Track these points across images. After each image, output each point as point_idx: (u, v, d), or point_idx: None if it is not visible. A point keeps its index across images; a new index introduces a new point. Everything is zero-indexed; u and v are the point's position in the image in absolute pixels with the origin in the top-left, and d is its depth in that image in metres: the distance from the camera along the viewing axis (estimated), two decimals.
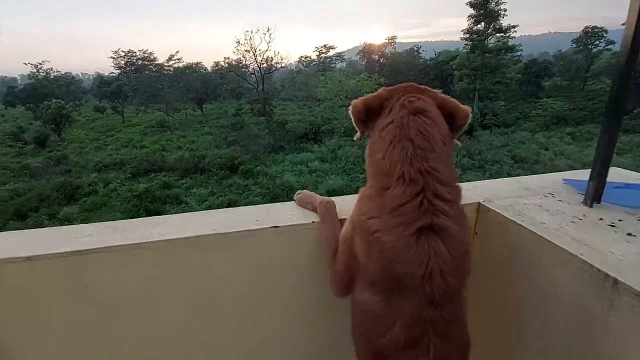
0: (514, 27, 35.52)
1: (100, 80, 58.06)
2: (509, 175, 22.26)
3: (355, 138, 1.12)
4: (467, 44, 36.02)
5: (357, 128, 1.08)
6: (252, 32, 42.47)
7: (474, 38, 34.98)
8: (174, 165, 25.51)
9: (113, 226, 1.21)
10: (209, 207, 18.38)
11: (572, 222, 1.19)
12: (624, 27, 1.12)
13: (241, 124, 33.12)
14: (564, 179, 1.52)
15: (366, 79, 31.38)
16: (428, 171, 0.87)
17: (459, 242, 0.88)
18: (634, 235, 1.10)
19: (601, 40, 53.81)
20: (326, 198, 1.31)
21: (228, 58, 51.14)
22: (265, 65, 44.93)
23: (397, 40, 53.41)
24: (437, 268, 0.84)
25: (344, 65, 64.31)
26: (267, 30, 41.98)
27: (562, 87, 52.85)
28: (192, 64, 53.06)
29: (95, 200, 19.97)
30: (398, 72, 46.16)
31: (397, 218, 0.86)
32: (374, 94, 1.05)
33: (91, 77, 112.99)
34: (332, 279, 1.10)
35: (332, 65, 66.47)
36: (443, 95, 1.02)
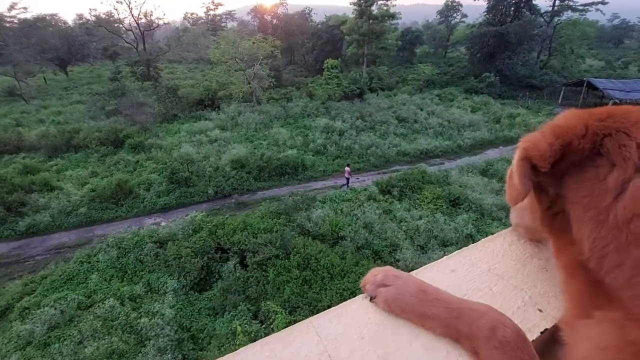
0: None
1: None
2: (395, 135, 24.04)
3: (512, 219, 0.66)
4: (355, 10, 35.92)
5: (517, 187, 0.52)
6: None
7: (361, 3, 35.02)
8: (35, 143, 20.11)
9: None
10: (92, 191, 15.05)
11: None
12: (476, 2, 0.54)
13: (122, 90, 27.74)
14: None
15: (262, 41, 28.91)
16: None
17: None
18: None
19: (457, 13, 60.13)
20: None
21: (95, 10, 41.94)
22: (143, 20, 38.01)
23: (288, 2, 50.50)
24: None
25: (235, 25, 58.98)
26: None
27: (430, 54, 58.20)
28: (44, 15, 41.80)
29: None
30: (291, 35, 44.15)
31: None
32: (566, 121, 0.52)
33: None
34: None
35: (223, 25, 60.41)
36: None
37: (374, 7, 36.33)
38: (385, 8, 37.16)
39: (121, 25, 41.11)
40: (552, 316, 0.57)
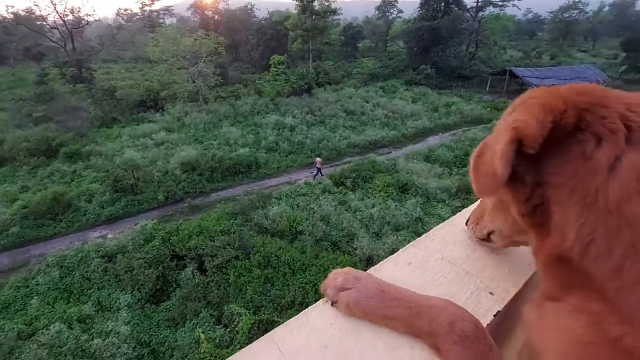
0: None
1: None
2: (344, 127, 24.42)
3: (516, 212, 0.49)
4: (297, 5, 35.57)
5: (499, 169, 0.42)
6: None
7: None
8: None
9: None
10: (24, 207, 13.41)
11: None
12: None
13: (50, 94, 24.92)
14: None
15: (204, 37, 27.52)
16: None
17: None
18: None
19: (394, 9, 62.11)
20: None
21: (12, 7, 37.20)
22: (70, 17, 34.38)
23: None
24: None
25: (175, 22, 55.59)
26: None
27: (371, 49, 59.59)
28: None
29: None
30: (235, 31, 42.63)
31: None
32: (548, 96, 0.43)
33: None
34: None
35: (161, 21, 56.60)
36: None
37: (315, 3, 36.24)
38: (326, 4, 37.27)
39: (45, 23, 36.82)
40: (502, 298, 0.59)
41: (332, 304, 0.55)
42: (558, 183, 0.42)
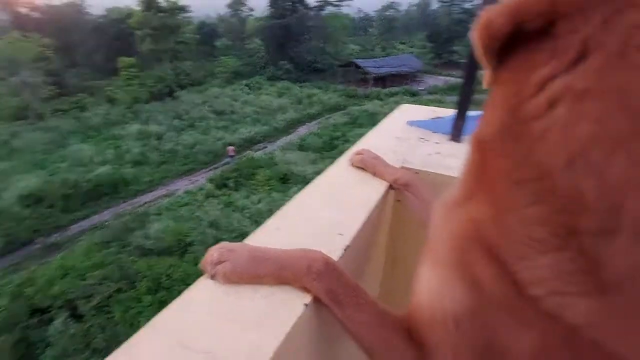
0: None
1: None
2: (217, 129, 23.22)
3: (485, 84, 0.46)
4: (140, 2, 31.32)
5: (484, 64, 0.43)
6: None
7: None
8: None
9: None
10: None
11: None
12: None
13: None
14: (409, 122, 1.46)
15: (22, 40, 21.64)
16: None
17: None
18: None
19: (245, 7, 61.05)
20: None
21: None
22: None
23: None
24: None
25: None
26: None
27: (230, 47, 57.48)
28: None
29: None
30: (66, 31, 34.67)
31: None
32: None
33: None
34: None
35: None
36: None
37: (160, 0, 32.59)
38: (173, 0, 33.89)
39: None
40: (349, 236, 0.71)
41: (212, 277, 0.58)
42: (504, 81, 0.42)
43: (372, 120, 23.02)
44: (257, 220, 12.06)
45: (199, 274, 0.57)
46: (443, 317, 0.46)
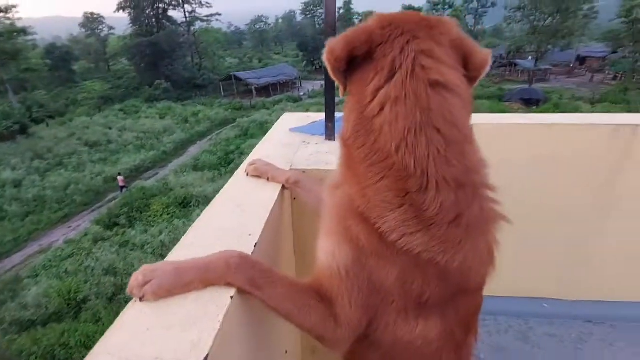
0: (13, 6, 27.12)
1: None
2: (93, 163, 19.82)
3: (340, 95, 0.67)
4: None
5: (335, 80, 0.63)
6: None
7: None
8: None
9: None
10: None
11: None
12: (116, 14, 1.09)
13: None
14: (291, 129, 1.59)
15: None
16: (472, 170, 0.58)
17: None
18: None
19: (103, 26, 53.02)
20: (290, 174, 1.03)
21: None
22: None
23: None
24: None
25: None
26: None
27: (92, 70, 49.25)
28: None
29: None
30: None
31: (456, 231, 0.56)
32: (359, 30, 0.58)
33: None
34: (337, 333, 0.62)
35: None
36: (459, 33, 0.60)
37: None
38: (8, 22, 27.15)
39: None
40: (257, 234, 0.77)
41: (141, 299, 0.58)
42: (352, 92, 0.60)
43: (263, 129, 23.07)
44: (162, 254, 10.92)
45: (102, 332, 0.54)
46: (337, 270, 0.60)
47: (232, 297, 0.59)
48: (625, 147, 1.49)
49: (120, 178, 16.29)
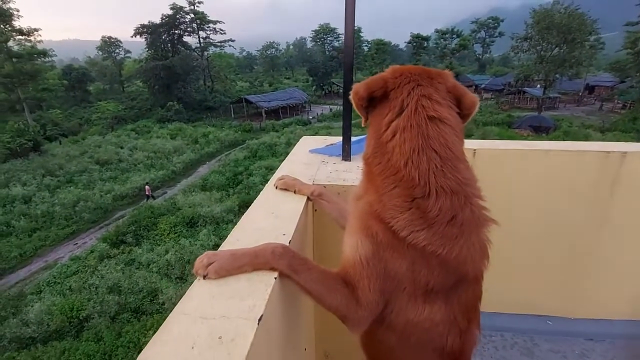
0: (36, 30, 29.01)
1: None
2: (102, 181, 20.31)
3: (362, 124, 0.87)
4: None
5: (359, 114, 0.86)
6: None
7: None
8: None
9: None
10: None
11: (359, 171, 1.36)
12: (133, 39, 1.31)
13: None
14: (310, 150, 1.81)
15: None
16: (464, 182, 0.75)
17: None
18: None
19: (120, 49, 55.97)
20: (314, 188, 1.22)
21: None
22: None
23: None
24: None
25: None
26: None
27: (107, 91, 51.50)
28: None
29: None
30: None
31: (452, 229, 0.72)
32: (377, 78, 0.82)
33: None
34: (358, 313, 0.77)
35: None
36: (454, 82, 0.82)
37: (11, 44, 27.52)
38: (29, 44, 28.99)
39: None
40: (290, 234, 0.95)
41: (204, 277, 0.75)
42: (372, 123, 0.82)
43: (272, 151, 23.55)
44: (167, 273, 10.95)
45: (103, 351, 0.74)
46: (359, 260, 0.76)
47: (275, 278, 0.76)
48: (615, 171, 1.66)
49: (147, 187, 17.86)
